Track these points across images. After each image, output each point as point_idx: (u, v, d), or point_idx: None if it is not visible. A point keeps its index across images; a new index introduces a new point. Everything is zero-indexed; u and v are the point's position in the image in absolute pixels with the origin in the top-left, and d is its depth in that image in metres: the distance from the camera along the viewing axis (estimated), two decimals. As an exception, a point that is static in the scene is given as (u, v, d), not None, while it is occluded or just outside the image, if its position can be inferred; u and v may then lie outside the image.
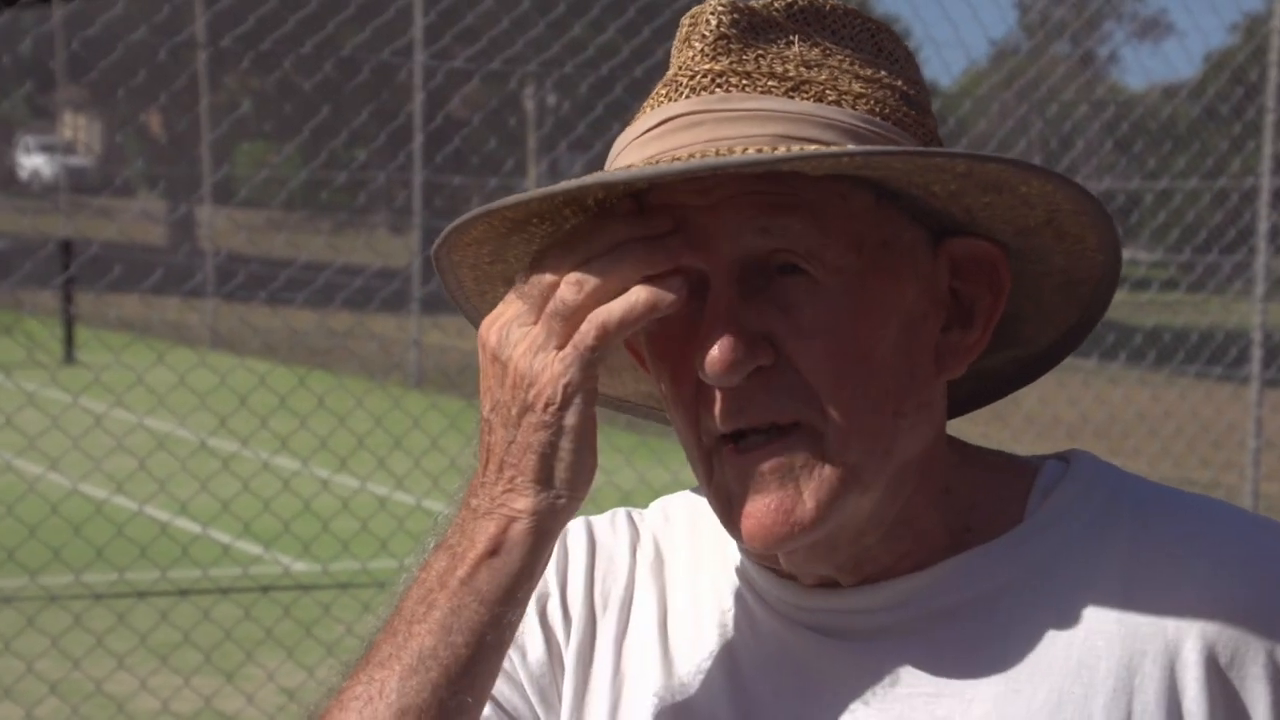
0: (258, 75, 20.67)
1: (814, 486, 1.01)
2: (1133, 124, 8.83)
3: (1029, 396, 9.49)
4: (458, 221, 1.04)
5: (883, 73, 1.04)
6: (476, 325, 1.12)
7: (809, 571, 1.07)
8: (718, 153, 0.97)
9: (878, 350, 1.01)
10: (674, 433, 1.08)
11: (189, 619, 6.21)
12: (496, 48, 8.25)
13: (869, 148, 0.98)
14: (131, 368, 6.21)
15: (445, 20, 8.53)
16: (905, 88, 1.05)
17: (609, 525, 1.19)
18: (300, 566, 7.29)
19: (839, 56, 1.04)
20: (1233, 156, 8.78)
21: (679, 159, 0.98)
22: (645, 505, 1.24)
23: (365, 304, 8.46)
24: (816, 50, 1.03)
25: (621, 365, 1.16)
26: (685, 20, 1.06)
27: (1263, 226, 8.15)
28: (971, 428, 1.10)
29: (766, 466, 1.01)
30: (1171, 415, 8.92)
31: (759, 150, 0.97)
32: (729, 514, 1.03)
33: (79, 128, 26.68)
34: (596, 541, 1.17)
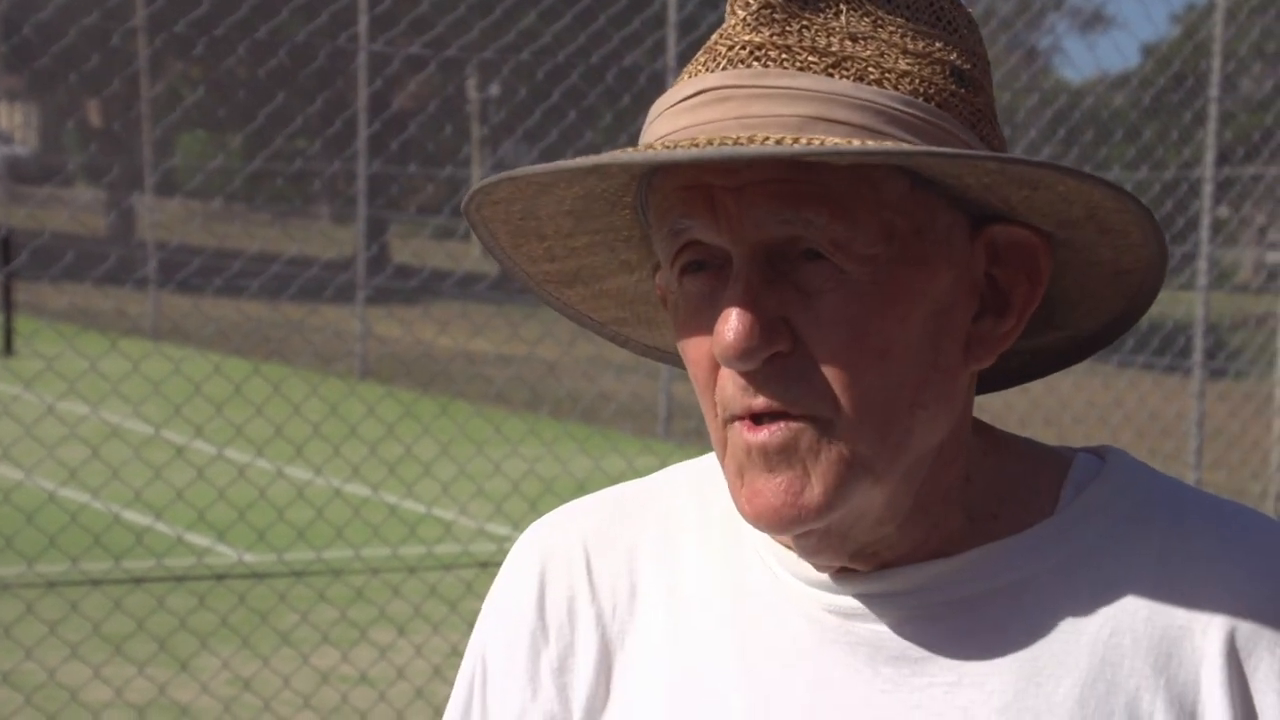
0: (197, 66, 20.49)
1: (822, 471, 0.98)
2: (1084, 113, 8.91)
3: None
4: (483, 183, 1.03)
5: (937, 45, 1.01)
6: (514, 277, 1.13)
7: (823, 564, 1.05)
8: (737, 141, 0.95)
9: (899, 343, 0.98)
10: (627, 422, 1.05)
11: (143, 608, 6.16)
12: (449, 36, 8.24)
13: (888, 147, 0.94)
14: (86, 356, 6.14)
15: (398, 7, 8.49)
16: (959, 61, 1.01)
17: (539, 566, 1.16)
18: (254, 555, 7.24)
19: (890, 28, 1.00)
20: (1182, 146, 8.88)
21: (702, 138, 0.97)
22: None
23: (311, 296, 8.42)
24: (867, 21, 1.00)
25: (657, 318, 1.15)
26: None
27: (1205, 219, 8.25)
28: None
29: (777, 447, 0.98)
30: (1120, 404, 9.01)
31: (781, 135, 0.95)
32: (738, 491, 1.01)
33: (15, 117, 26.36)
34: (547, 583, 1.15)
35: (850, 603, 1.04)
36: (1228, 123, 9.01)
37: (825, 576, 1.05)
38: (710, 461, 1.14)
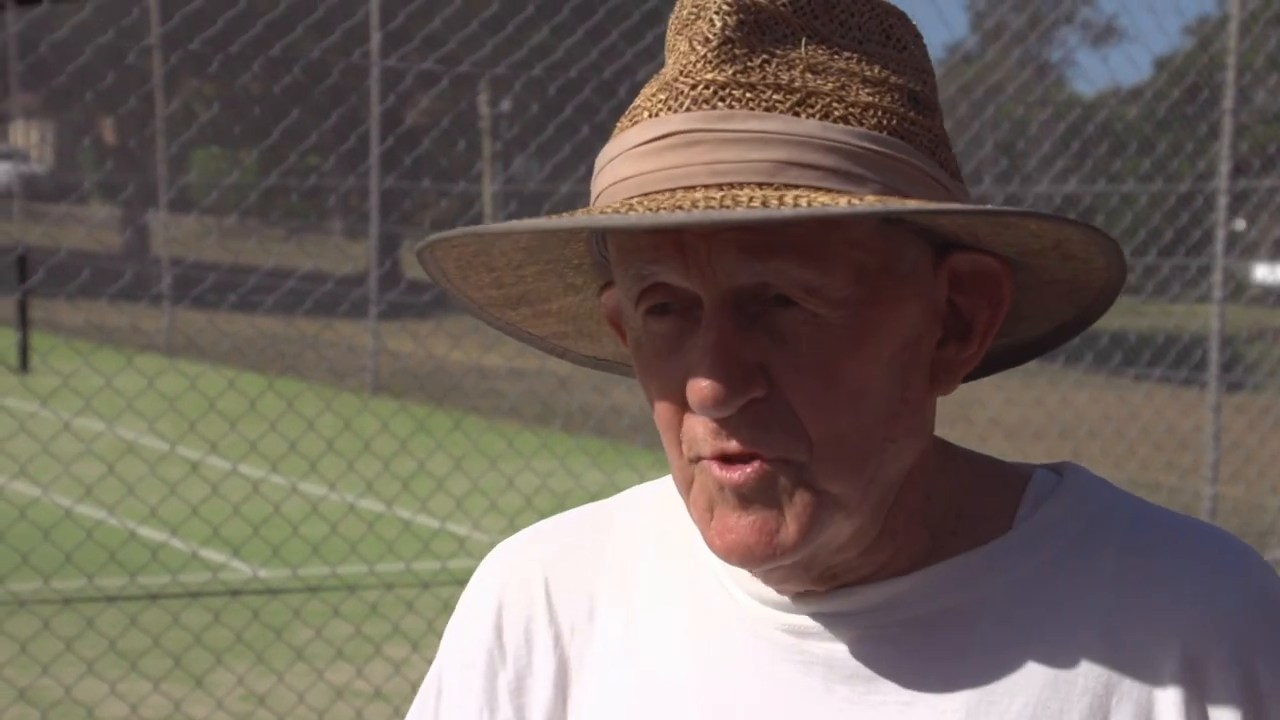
0: (212, 83, 20.56)
1: (797, 511, 0.98)
2: (1098, 126, 8.90)
3: (994, 398, 9.53)
4: (441, 236, 1.02)
5: (890, 70, 1.01)
6: (459, 303, 1.12)
7: (786, 589, 1.06)
8: (707, 189, 0.95)
9: (873, 383, 0.98)
10: (640, 435, 1.05)
11: (158, 624, 6.16)
12: (462, 52, 8.26)
13: (873, 207, 0.93)
14: (101, 372, 6.15)
15: (411, 24, 8.52)
16: (912, 85, 1.01)
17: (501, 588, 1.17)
18: (269, 571, 7.25)
19: (846, 55, 1.00)
20: (1197, 159, 8.85)
21: (668, 188, 0.96)
22: None
23: (324, 311, 8.43)
24: (823, 50, 0.99)
25: (599, 331, 1.15)
26: (687, 6, 1.01)
27: (1221, 232, 8.22)
28: (938, 429, 1.09)
29: (751, 485, 0.98)
30: (1137, 418, 8.97)
31: (757, 181, 0.95)
32: (707, 525, 1.01)
33: (32, 135, 26.48)
34: (505, 602, 1.15)
35: (806, 622, 1.05)
36: (1243, 135, 8.97)
37: (782, 596, 1.05)
38: (668, 485, 1.14)
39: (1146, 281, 9.21)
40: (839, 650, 1.03)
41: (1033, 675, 1.01)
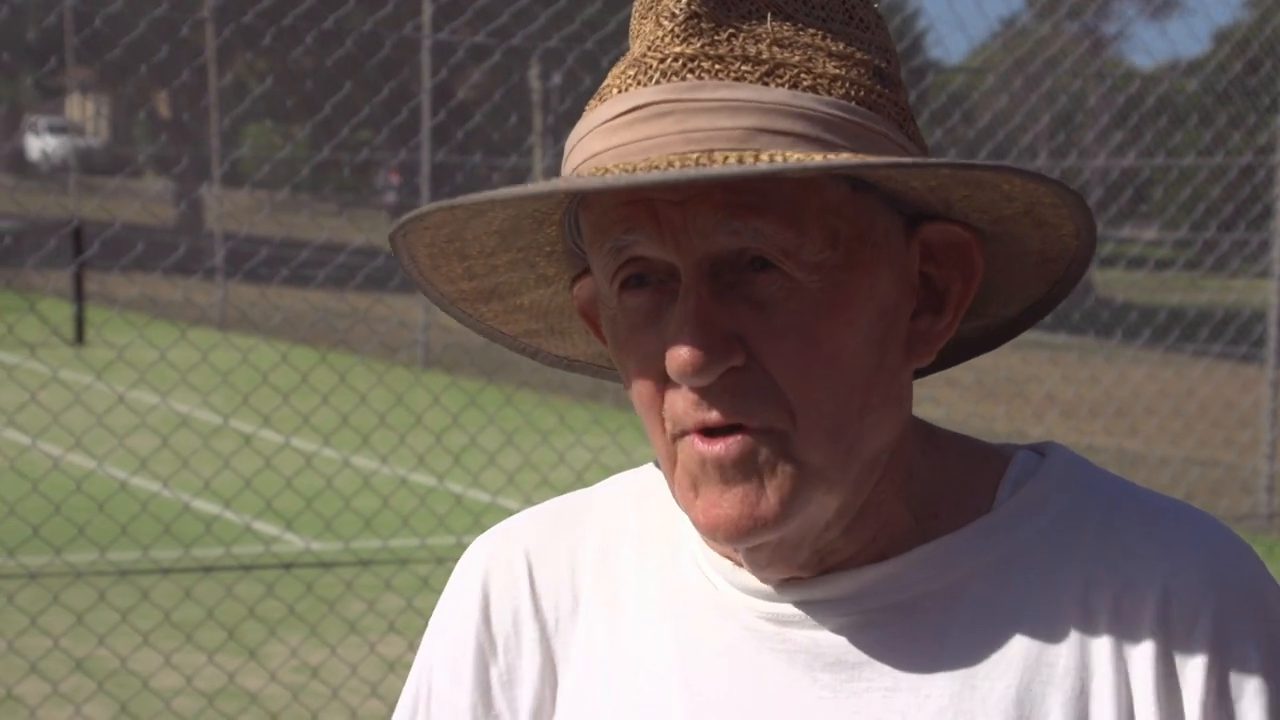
0: (264, 57, 20.65)
1: (778, 483, 0.98)
2: (1158, 99, 8.79)
3: (1050, 375, 9.44)
4: (418, 212, 1.02)
5: (854, 47, 1.01)
6: (429, 296, 1.11)
7: (771, 576, 1.05)
8: (692, 159, 0.94)
9: (850, 348, 0.98)
10: None
11: (212, 596, 6.20)
12: (513, 26, 8.24)
13: (849, 161, 0.94)
14: (155, 345, 6.18)
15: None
16: (877, 61, 1.02)
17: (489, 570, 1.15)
18: (322, 544, 7.28)
19: (810, 31, 1.00)
20: (1258, 132, 8.72)
21: (649, 157, 0.95)
22: None
23: (376, 285, 8.45)
24: (788, 26, 1.00)
25: (571, 328, 1.14)
26: None
27: (1281, 205, 8.09)
28: (993, 407, 1.07)
29: (732, 458, 0.98)
30: (1194, 394, 8.87)
31: (730, 148, 0.95)
32: (692, 503, 1.01)
33: (88, 108, 26.72)
34: (490, 595, 1.14)
35: (787, 610, 1.04)
36: (1305, 108, 8.85)
37: (765, 585, 1.05)
38: (650, 472, 1.14)
39: (1206, 256, 9.09)
40: (822, 638, 1.03)
41: (1014, 658, 1.01)
